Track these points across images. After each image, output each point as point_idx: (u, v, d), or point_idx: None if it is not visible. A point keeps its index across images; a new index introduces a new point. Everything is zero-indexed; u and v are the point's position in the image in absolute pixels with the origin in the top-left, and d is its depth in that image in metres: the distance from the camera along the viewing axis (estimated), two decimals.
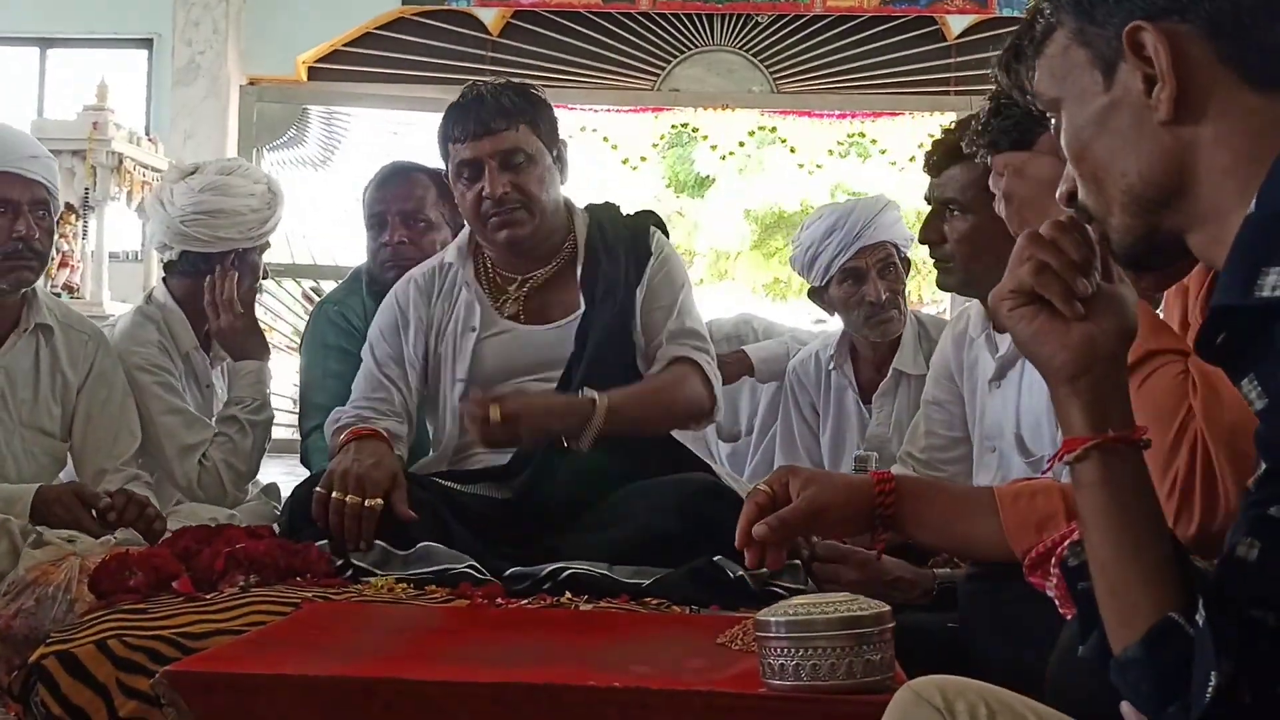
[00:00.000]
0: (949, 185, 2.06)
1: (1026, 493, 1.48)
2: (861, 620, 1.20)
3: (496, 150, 2.13)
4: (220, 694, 1.29)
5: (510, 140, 2.13)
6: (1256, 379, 0.79)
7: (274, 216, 2.62)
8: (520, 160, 2.14)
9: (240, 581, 1.76)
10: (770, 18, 7.20)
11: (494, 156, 2.13)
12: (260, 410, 2.56)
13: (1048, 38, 0.93)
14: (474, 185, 2.15)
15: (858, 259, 2.64)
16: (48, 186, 2.34)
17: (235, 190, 2.56)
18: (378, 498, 1.91)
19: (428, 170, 2.70)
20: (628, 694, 1.25)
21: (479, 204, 2.15)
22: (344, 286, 2.81)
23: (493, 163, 2.13)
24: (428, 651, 1.46)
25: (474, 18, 7.22)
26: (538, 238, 2.19)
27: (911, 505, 1.44)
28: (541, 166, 2.16)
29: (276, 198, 2.62)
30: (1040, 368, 0.95)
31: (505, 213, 2.14)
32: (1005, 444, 2.08)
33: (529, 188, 2.14)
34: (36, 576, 1.78)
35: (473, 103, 2.16)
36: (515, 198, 2.13)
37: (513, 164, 2.14)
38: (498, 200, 2.13)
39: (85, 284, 5.70)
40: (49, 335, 2.37)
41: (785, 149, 8.27)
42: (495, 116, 2.13)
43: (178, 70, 7.17)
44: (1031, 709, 0.96)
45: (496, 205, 2.13)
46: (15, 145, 2.32)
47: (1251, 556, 0.82)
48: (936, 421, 2.28)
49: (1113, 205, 0.91)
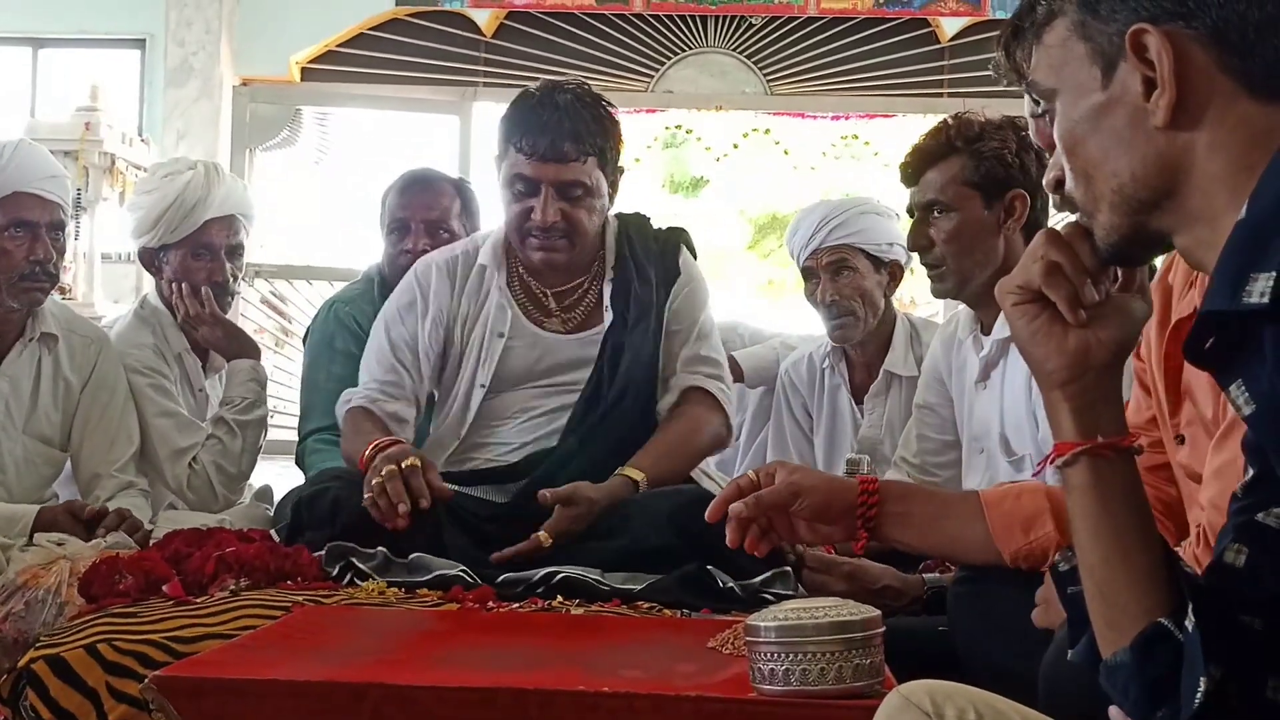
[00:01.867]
0: (928, 188, 2.08)
1: (1012, 493, 1.49)
2: (851, 625, 1.21)
3: (559, 180, 2.09)
4: (209, 699, 1.28)
5: (575, 172, 2.09)
6: (1244, 384, 0.79)
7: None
8: (579, 194, 2.11)
9: (230, 585, 1.75)
10: (764, 19, 7.20)
11: (555, 185, 2.09)
12: (250, 409, 2.55)
13: (1048, 24, 0.92)
14: (524, 201, 2.11)
15: (812, 259, 2.65)
16: (63, 207, 2.36)
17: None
18: (413, 460, 1.91)
19: (452, 180, 2.72)
20: (617, 699, 1.24)
21: (524, 221, 2.12)
22: (356, 287, 2.79)
23: (551, 190, 2.09)
24: (418, 656, 1.46)
25: (467, 19, 7.21)
26: (573, 260, 2.18)
27: (894, 508, 1.45)
28: (597, 198, 2.14)
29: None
30: (1033, 368, 0.95)
31: (548, 240, 2.12)
32: (992, 444, 2.09)
33: (579, 219, 2.12)
34: (26, 580, 1.77)
35: (549, 118, 2.08)
36: (562, 227, 2.11)
37: (571, 196, 2.11)
38: (545, 228, 2.10)
39: (77, 285, 5.68)
40: (52, 344, 2.37)
41: (779, 150, 8.28)
42: (569, 141, 2.07)
43: (170, 70, 7.15)
44: (1021, 714, 0.96)
45: (543, 231, 2.11)
46: (36, 165, 2.32)
47: (1239, 562, 0.82)
48: (929, 425, 2.28)
49: (1101, 202, 0.90)
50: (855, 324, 2.64)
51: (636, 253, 2.23)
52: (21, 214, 2.26)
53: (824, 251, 2.64)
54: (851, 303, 2.63)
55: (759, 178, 10.57)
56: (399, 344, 2.21)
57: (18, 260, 2.25)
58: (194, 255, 2.52)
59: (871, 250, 2.65)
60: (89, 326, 2.50)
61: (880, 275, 2.67)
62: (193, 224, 2.51)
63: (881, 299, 2.68)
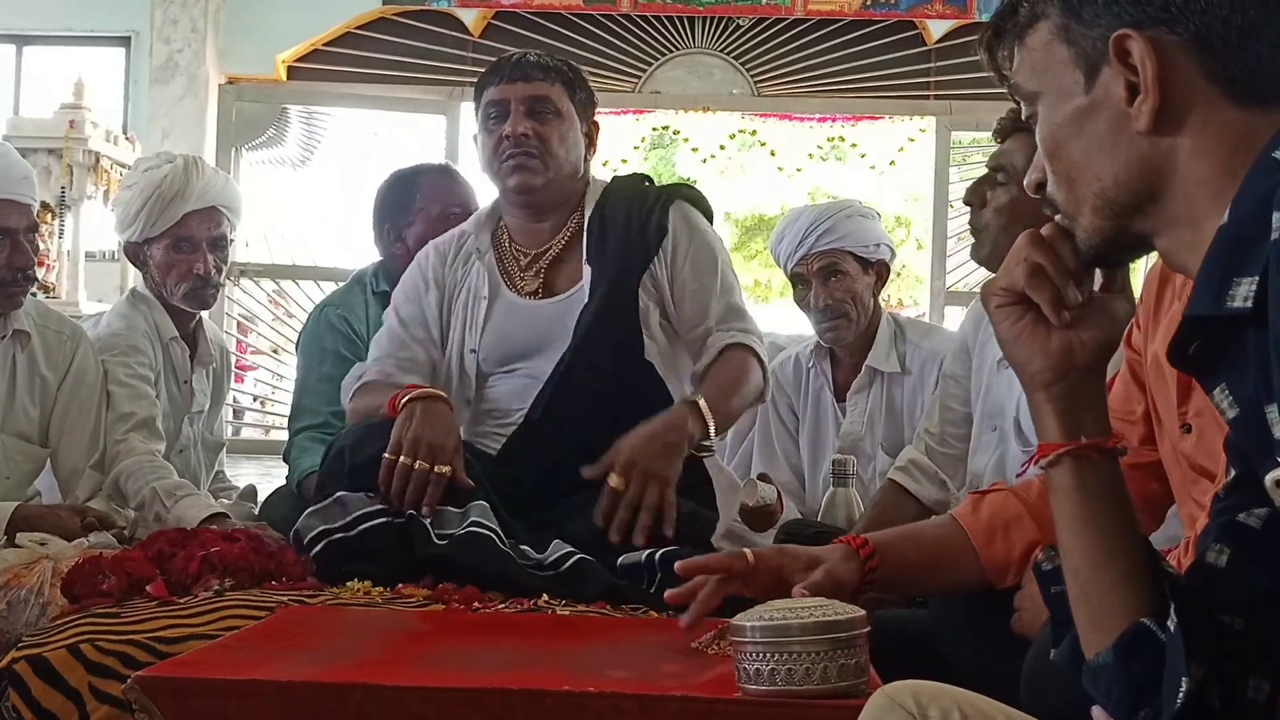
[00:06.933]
0: (1004, 154, 2.04)
1: (1000, 527, 1.49)
2: (837, 625, 1.21)
3: (526, 95, 2.12)
4: (193, 699, 1.28)
5: (542, 89, 2.13)
6: (1228, 388, 0.79)
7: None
8: (548, 111, 2.13)
9: (215, 585, 1.75)
10: (751, 21, 7.21)
11: (523, 102, 2.12)
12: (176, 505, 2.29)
13: (1031, 27, 0.92)
14: (498, 128, 2.13)
15: (801, 265, 2.67)
16: (34, 206, 2.35)
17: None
18: (447, 465, 1.89)
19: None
20: (603, 699, 1.24)
21: (498, 145, 2.13)
22: (345, 289, 2.78)
23: (520, 107, 2.12)
24: (403, 656, 1.45)
25: (455, 18, 7.20)
26: (549, 192, 2.16)
27: (891, 568, 1.46)
28: (567, 124, 2.15)
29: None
30: (1016, 370, 0.95)
31: (521, 155, 2.11)
32: (1006, 424, 2.10)
33: (549, 139, 2.13)
34: (9, 580, 1.76)
35: (515, 56, 2.18)
36: (533, 143, 2.11)
37: (538, 111, 2.13)
38: (515, 140, 2.11)
39: (61, 283, 5.66)
40: (25, 340, 2.36)
41: (766, 152, 8.30)
42: (534, 68, 2.14)
43: (155, 68, 7.12)
44: (1005, 714, 0.96)
45: (514, 145, 2.11)
46: (10, 169, 2.31)
47: (1221, 563, 0.83)
48: (953, 397, 2.30)
49: (1083, 206, 0.91)
50: (848, 326, 2.66)
51: (607, 211, 2.19)
52: (1, 221, 2.26)
53: (814, 257, 2.65)
54: (844, 305, 2.65)
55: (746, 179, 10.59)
56: (409, 321, 2.22)
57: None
58: (175, 248, 2.51)
59: (860, 252, 2.67)
60: (64, 322, 2.48)
61: (868, 276, 2.69)
62: (172, 217, 2.50)
63: (870, 299, 2.70)
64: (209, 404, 2.68)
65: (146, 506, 2.26)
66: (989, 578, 1.48)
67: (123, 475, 2.31)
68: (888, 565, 1.46)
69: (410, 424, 1.92)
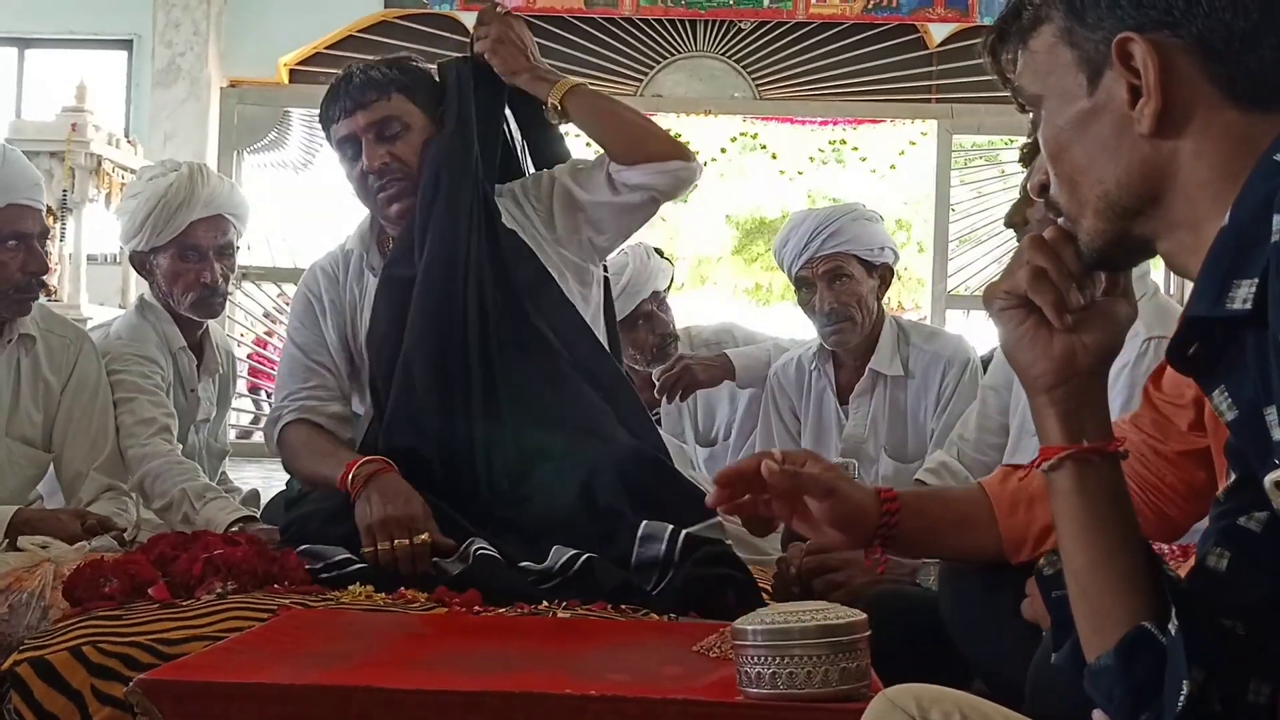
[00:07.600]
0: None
1: (1025, 500, 1.48)
2: (838, 629, 1.21)
3: (370, 122, 2.11)
4: (195, 702, 1.28)
5: (382, 110, 2.11)
6: (1227, 390, 0.79)
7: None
8: (396, 130, 2.12)
9: (217, 588, 1.75)
10: (753, 24, 7.22)
11: (368, 130, 2.11)
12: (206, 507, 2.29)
13: (1034, 30, 0.92)
14: (356, 163, 2.13)
15: (806, 269, 2.67)
16: (43, 211, 2.36)
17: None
18: (423, 532, 1.89)
19: None
20: (604, 702, 1.24)
21: (364, 180, 2.13)
22: None
23: (369, 135, 2.11)
24: (404, 659, 1.45)
25: (456, 21, 7.20)
26: None
27: (910, 522, 1.44)
28: (418, 132, 2.13)
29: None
30: (1018, 373, 0.95)
31: (389, 184, 2.11)
32: None
33: (407, 156, 2.12)
34: (10, 583, 1.76)
35: (342, 81, 2.15)
36: (396, 168, 2.11)
37: (388, 134, 2.12)
38: (378, 173, 2.11)
39: (63, 286, 5.66)
40: (30, 344, 2.37)
41: (767, 155, 8.30)
42: (365, 90, 2.11)
43: (157, 72, 7.13)
44: (1005, 717, 0.96)
45: (379, 178, 2.11)
46: (23, 174, 2.32)
47: (1221, 567, 0.83)
48: (992, 406, 2.31)
49: (1086, 208, 0.91)
50: (853, 329, 2.66)
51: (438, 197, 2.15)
52: (16, 226, 2.27)
53: (819, 261, 2.66)
54: (849, 309, 2.65)
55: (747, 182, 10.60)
56: (309, 348, 2.22)
57: (12, 272, 2.26)
58: (182, 257, 2.52)
59: (864, 256, 2.67)
60: (68, 326, 2.48)
61: (873, 280, 2.70)
62: (178, 226, 2.50)
63: (874, 303, 2.70)
64: (214, 411, 2.69)
65: (175, 507, 2.27)
66: (1004, 549, 1.46)
67: (149, 476, 2.32)
68: (908, 513, 1.42)
69: (370, 508, 1.92)
